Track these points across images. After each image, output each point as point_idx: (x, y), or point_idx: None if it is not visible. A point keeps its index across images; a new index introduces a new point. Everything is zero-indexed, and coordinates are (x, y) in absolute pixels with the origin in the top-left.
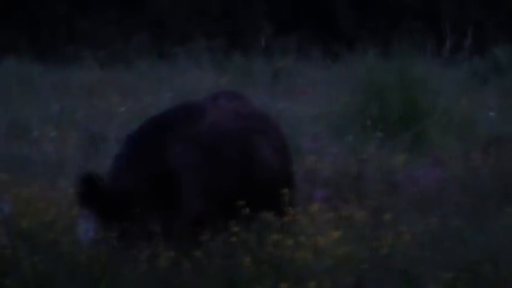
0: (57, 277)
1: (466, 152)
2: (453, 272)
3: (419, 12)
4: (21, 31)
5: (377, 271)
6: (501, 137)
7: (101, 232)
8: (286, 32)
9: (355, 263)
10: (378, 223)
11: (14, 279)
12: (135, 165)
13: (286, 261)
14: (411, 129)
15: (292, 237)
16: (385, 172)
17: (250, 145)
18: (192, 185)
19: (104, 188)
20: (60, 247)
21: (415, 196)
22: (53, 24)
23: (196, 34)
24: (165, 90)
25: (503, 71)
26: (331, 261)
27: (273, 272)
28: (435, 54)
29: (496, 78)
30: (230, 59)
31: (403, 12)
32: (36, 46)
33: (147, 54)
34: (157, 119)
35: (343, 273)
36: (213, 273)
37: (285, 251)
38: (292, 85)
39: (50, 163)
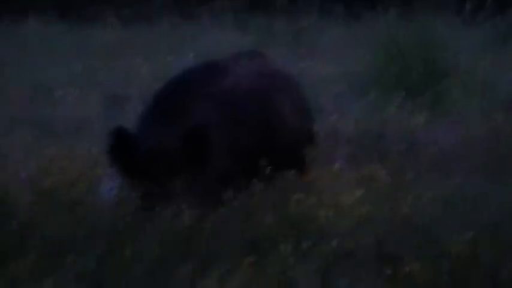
0: (80, 237)
1: (487, 112)
2: (474, 231)
3: None
4: None
5: (398, 231)
6: None
7: (124, 191)
8: None
9: (377, 222)
10: (399, 183)
11: (37, 239)
12: (161, 123)
13: (308, 220)
14: (432, 89)
15: (315, 195)
16: (406, 132)
17: (271, 104)
18: (218, 142)
19: (133, 143)
20: (83, 206)
21: (436, 156)
22: None
23: None
24: (187, 49)
25: None
26: (352, 220)
27: (295, 230)
28: (456, 14)
29: None
30: (252, 18)
31: None
32: (59, 5)
33: (170, 14)
34: (181, 77)
35: (365, 233)
36: (235, 232)
37: (307, 210)
38: (314, 44)
39: (72, 123)
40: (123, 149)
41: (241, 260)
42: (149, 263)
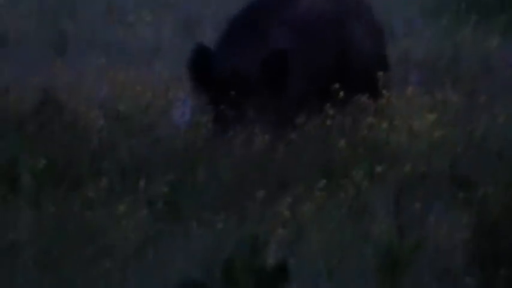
0: (153, 160)
1: None
2: None
3: None
4: None
5: (472, 153)
6: None
7: (197, 115)
8: None
9: (450, 146)
10: (472, 106)
11: (111, 162)
12: (240, 45)
13: (381, 144)
14: (507, 12)
15: (387, 120)
16: (480, 55)
17: (344, 28)
18: (293, 66)
19: (214, 62)
20: (156, 131)
21: (510, 79)
22: None
23: None
24: None
25: None
26: (426, 144)
27: (368, 155)
28: None
29: None
30: None
31: None
32: None
33: None
34: (256, 4)
35: (438, 156)
36: (309, 156)
37: (380, 134)
38: None
39: (145, 47)
40: (204, 66)
41: (313, 185)
42: (222, 187)
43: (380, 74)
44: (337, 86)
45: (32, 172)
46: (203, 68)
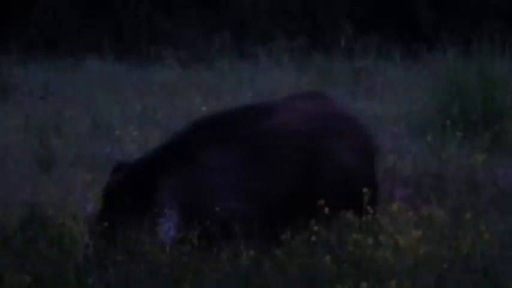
0: (139, 277)
1: None
2: None
3: (500, 11)
4: (104, 31)
5: (457, 271)
6: None
7: (182, 231)
8: (367, 32)
9: (435, 262)
10: (458, 223)
11: (96, 278)
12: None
13: (367, 260)
14: (491, 129)
15: (373, 236)
16: (465, 172)
17: (319, 146)
18: (221, 185)
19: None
20: (142, 246)
21: (495, 196)
22: (136, 24)
23: (277, 34)
24: (246, 90)
25: None
26: (411, 260)
27: (353, 271)
28: None
29: None
30: (311, 58)
31: (484, 11)
32: (119, 46)
33: (228, 54)
34: (212, 117)
35: (423, 273)
36: (294, 272)
37: (366, 250)
38: (372, 84)
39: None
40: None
41: None
42: None
43: (365, 190)
44: (321, 201)
45: None
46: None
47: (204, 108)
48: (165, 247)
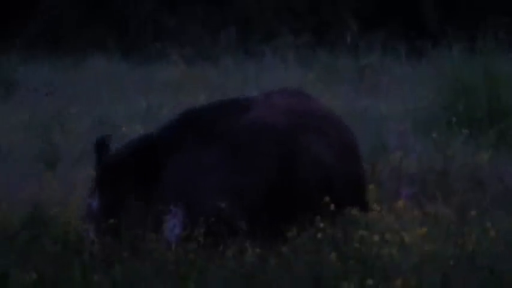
0: (145, 274)
1: None
2: None
3: (505, 9)
4: (108, 29)
5: (462, 268)
6: None
7: (187, 229)
8: (372, 29)
9: (441, 260)
10: (463, 220)
11: (102, 275)
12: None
13: (372, 257)
14: (497, 126)
15: (378, 233)
16: (471, 169)
17: (295, 142)
18: (205, 183)
19: None
20: (147, 244)
21: (500, 193)
22: (140, 22)
23: (282, 31)
24: (250, 87)
25: None
26: (417, 258)
27: (359, 268)
28: None
29: None
30: (316, 55)
31: (489, 8)
32: (123, 44)
33: (233, 51)
34: (193, 112)
35: (429, 270)
36: (299, 269)
37: (371, 248)
38: (377, 82)
39: None
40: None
41: None
42: None
43: (367, 188)
44: (327, 198)
45: (23, 287)
46: None
47: None
48: (170, 244)
